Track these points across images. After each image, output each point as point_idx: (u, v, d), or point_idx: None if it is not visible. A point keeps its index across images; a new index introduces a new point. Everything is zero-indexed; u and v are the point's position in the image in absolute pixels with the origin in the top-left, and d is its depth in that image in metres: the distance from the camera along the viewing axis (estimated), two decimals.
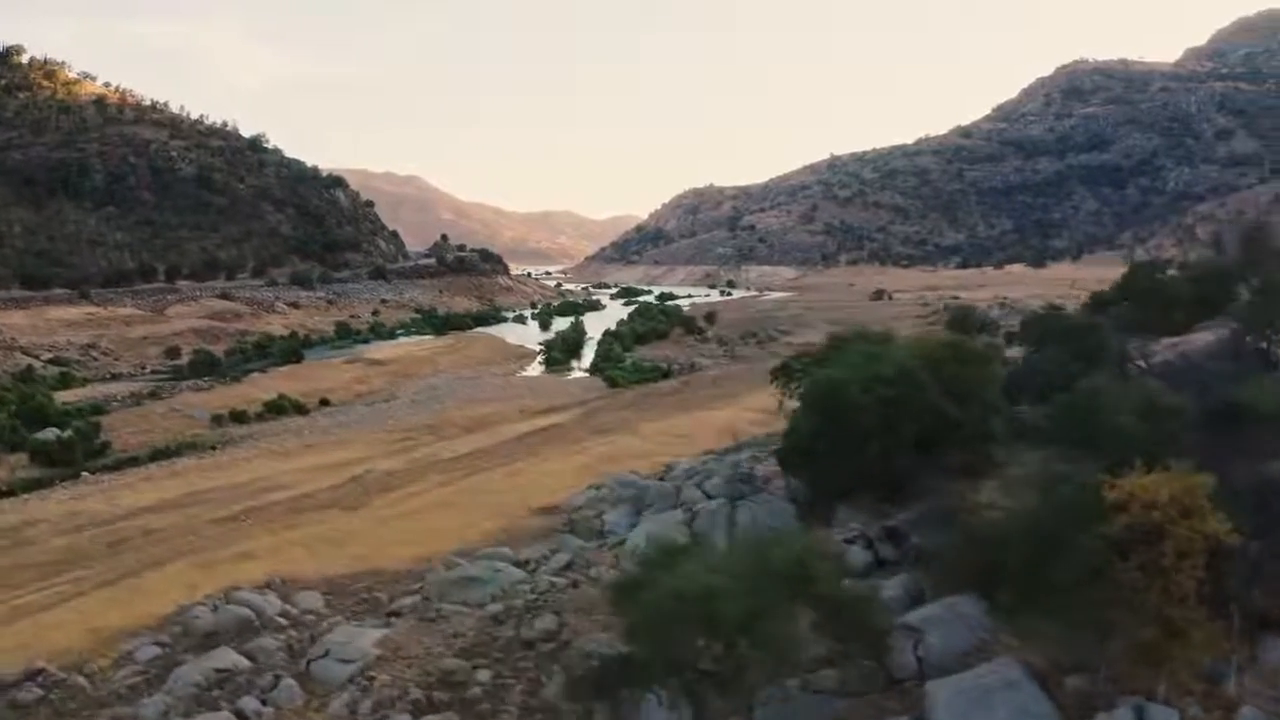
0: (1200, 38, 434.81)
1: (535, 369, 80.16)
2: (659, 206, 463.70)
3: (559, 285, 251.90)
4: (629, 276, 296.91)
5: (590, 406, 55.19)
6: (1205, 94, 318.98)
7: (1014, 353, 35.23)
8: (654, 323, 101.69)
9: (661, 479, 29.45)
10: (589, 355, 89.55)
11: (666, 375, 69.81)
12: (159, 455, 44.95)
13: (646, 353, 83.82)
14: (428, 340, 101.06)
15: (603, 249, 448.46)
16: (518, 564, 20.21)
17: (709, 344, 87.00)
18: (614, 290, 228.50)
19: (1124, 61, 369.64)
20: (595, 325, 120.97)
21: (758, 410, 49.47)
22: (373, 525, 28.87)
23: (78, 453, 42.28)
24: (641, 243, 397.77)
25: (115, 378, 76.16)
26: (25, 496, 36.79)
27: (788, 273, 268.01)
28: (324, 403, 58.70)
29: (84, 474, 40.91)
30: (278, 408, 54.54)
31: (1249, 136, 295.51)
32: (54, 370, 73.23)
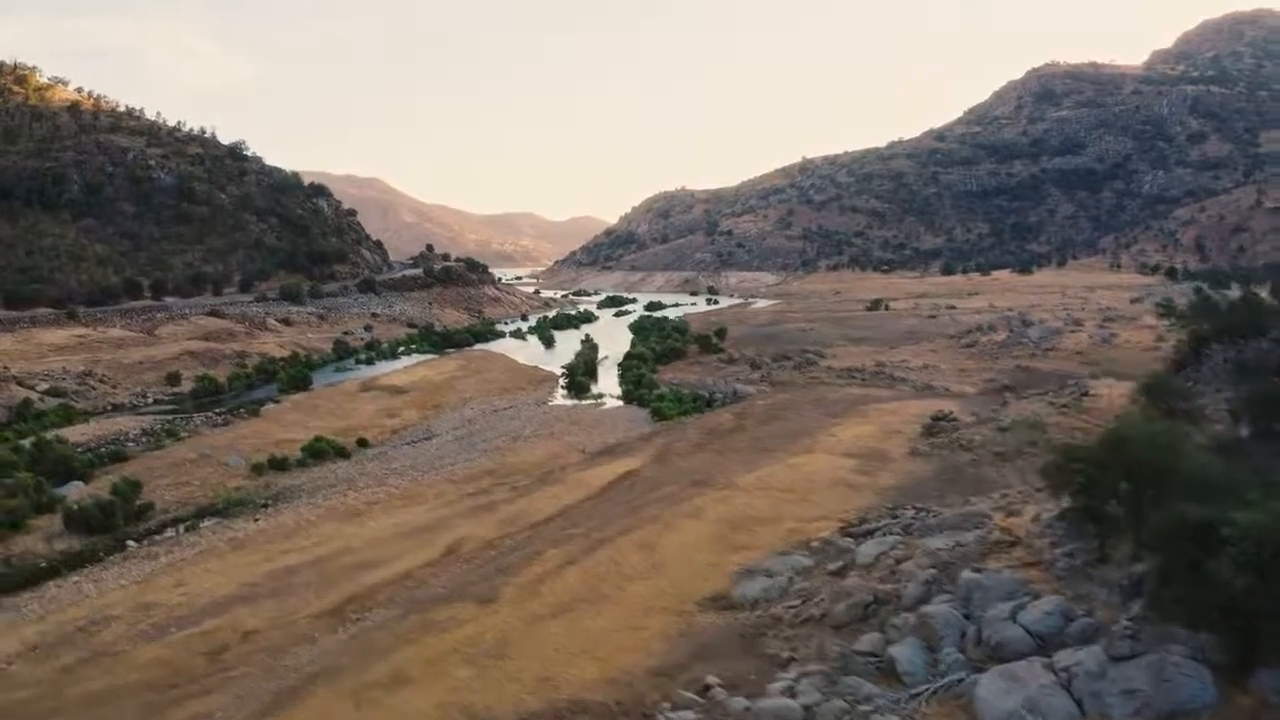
0: (1166, 40, 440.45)
1: (560, 395, 76.14)
2: (629, 209, 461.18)
3: (537, 291, 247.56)
4: (606, 283, 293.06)
5: (655, 446, 51.28)
6: (1177, 97, 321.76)
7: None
8: (670, 341, 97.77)
9: (846, 568, 25.90)
10: (605, 376, 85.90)
11: (709, 404, 66.19)
12: (205, 514, 40.59)
13: (673, 376, 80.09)
14: (433, 359, 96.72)
15: (573, 253, 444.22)
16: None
17: (737, 366, 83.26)
18: (599, 299, 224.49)
19: (1095, 64, 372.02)
20: (596, 340, 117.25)
21: (846, 455, 46.02)
22: (523, 626, 24.83)
23: (119, 517, 37.70)
24: (613, 246, 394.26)
25: (116, 409, 71.23)
26: (75, 578, 32.34)
27: (768, 278, 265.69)
28: (361, 443, 54.39)
29: (129, 543, 36.54)
30: (318, 451, 50.14)
31: (1221, 140, 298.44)
32: (52, 402, 68.11)
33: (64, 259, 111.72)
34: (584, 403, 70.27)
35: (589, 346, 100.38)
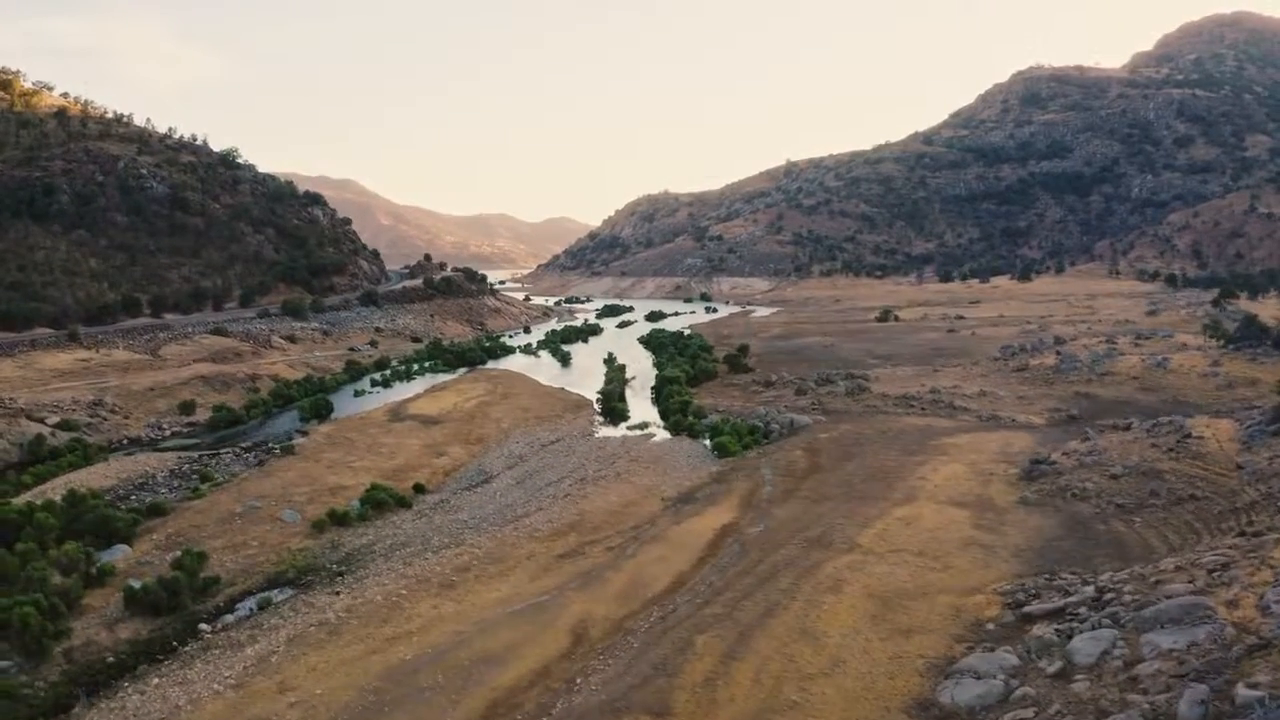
0: (1146, 43, 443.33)
1: (599, 423, 72.48)
2: (612, 213, 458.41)
3: (527, 298, 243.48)
4: (596, 289, 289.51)
5: (738, 492, 47.85)
6: (1163, 100, 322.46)
7: None
8: (700, 361, 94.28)
9: (1068, 670, 22.64)
10: (633, 398, 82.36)
11: (766, 435, 62.72)
12: (274, 583, 36.60)
13: (712, 400, 76.52)
14: (452, 381, 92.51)
15: (555, 256, 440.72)
16: None
17: (777, 389, 79.89)
18: (594, 306, 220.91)
19: (1080, 68, 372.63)
20: (600, 355, 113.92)
21: (952, 503, 43.12)
22: None
23: (185, 596, 33.64)
24: (597, 250, 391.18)
25: (133, 442, 66.93)
26: (154, 679, 28.30)
27: (761, 284, 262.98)
28: (418, 488, 50.49)
29: (201, 625, 32.48)
30: (378, 502, 46.18)
31: (1208, 143, 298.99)
32: (64, 436, 63.63)
33: (57, 274, 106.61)
34: (631, 433, 66.60)
35: (615, 368, 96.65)
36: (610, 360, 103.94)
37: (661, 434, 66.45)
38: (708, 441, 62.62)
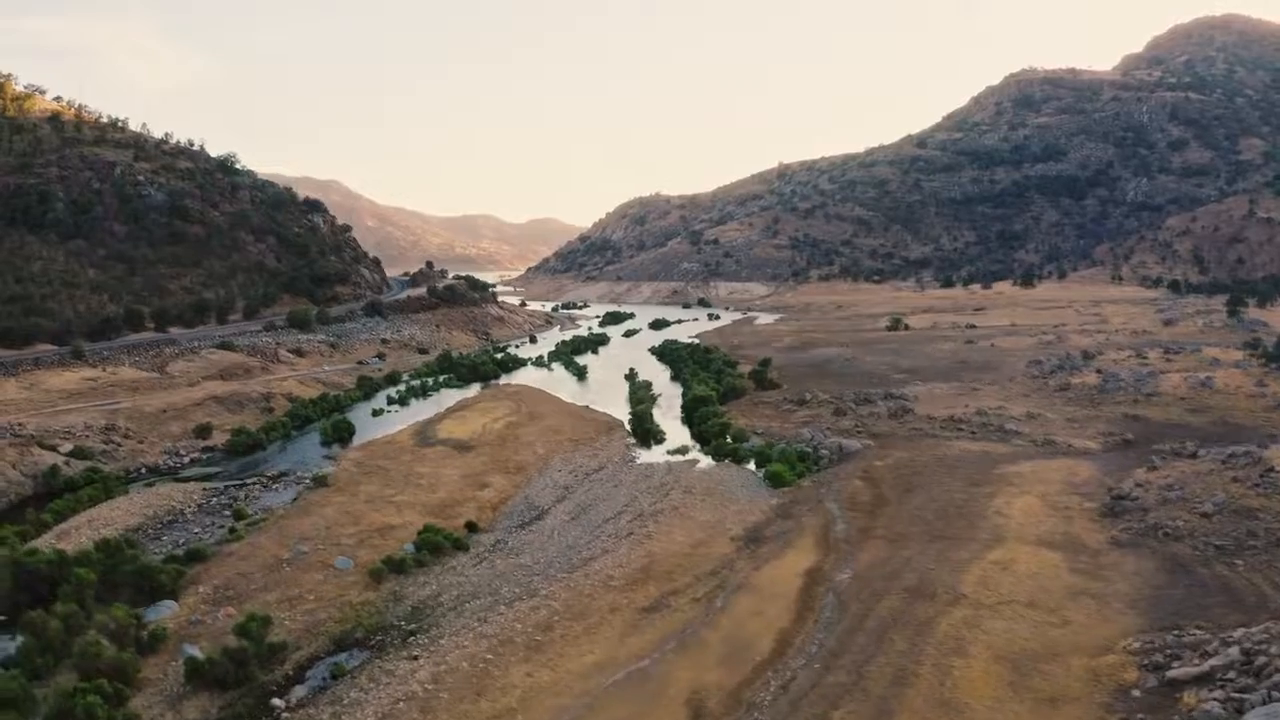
0: (1136, 44, 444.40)
1: (634, 446, 70.14)
2: (603, 215, 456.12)
3: (523, 303, 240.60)
4: (591, 293, 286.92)
5: (810, 530, 45.41)
6: (1156, 104, 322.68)
7: None
8: (725, 378, 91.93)
9: None
10: (660, 415, 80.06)
11: (816, 462, 60.47)
12: (342, 646, 33.89)
13: (746, 421, 74.12)
14: (472, 399, 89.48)
15: (546, 259, 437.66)
16: None
17: (811, 408, 77.52)
18: (592, 312, 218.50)
19: (1073, 70, 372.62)
20: (614, 367, 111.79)
21: (1041, 544, 41.09)
22: None
23: (253, 665, 30.91)
24: (589, 253, 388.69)
25: (150, 471, 63.96)
26: None
27: (759, 289, 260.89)
28: (470, 527, 47.91)
29: (275, 701, 29.72)
30: (434, 546, 43.50)
31: (1202, 146, 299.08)
32: (79, 465, 60.61)
33: (56, 285, 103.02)
34: (674, 459, 64.03)
35: (638, 384, 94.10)
36: (631, 376, 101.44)
37: (704, 459, 64.03)
38: (753, 466, 60.50)
